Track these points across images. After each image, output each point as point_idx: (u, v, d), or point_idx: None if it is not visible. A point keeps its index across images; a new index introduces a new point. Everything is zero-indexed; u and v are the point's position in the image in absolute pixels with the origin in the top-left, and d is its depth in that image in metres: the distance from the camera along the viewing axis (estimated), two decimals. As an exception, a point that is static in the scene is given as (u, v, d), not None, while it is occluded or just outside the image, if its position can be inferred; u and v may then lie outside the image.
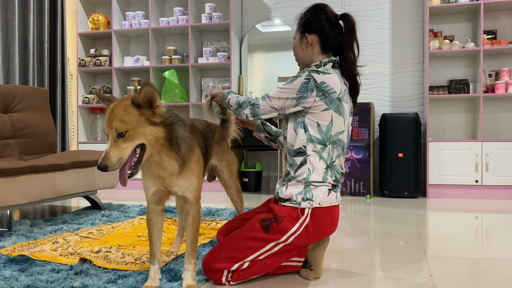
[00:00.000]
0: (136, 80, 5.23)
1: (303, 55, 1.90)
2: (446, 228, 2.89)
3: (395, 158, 4.29)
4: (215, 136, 2.02)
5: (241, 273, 1.75)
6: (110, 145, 1.45)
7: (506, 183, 4.12)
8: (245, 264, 1.74)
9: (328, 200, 1.77)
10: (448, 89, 4.44)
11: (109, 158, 1.43)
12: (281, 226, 1.73)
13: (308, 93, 1.72)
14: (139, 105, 1.49)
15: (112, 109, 1.48)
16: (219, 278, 1.75)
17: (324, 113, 1.75)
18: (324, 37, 1.84)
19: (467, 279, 1.84)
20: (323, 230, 1.79)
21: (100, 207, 3.51)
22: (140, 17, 5.15)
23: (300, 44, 1.90)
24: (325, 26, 1.84)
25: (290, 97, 1.75)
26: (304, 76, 1.74)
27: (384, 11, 4.76)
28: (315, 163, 1.76)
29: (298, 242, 1.76)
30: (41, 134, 3.46)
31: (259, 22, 5.07)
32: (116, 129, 1.45)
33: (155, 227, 1.72)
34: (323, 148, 1.76)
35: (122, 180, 1.49)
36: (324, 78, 1.74)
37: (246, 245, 1.74)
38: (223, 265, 1.73)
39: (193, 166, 1.66)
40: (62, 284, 1.70)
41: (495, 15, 4.46)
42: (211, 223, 2.88)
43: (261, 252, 1.75)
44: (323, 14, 1.86)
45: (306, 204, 1.74)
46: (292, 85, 1.74)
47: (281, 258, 1.80)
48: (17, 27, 4.45)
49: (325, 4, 1.91)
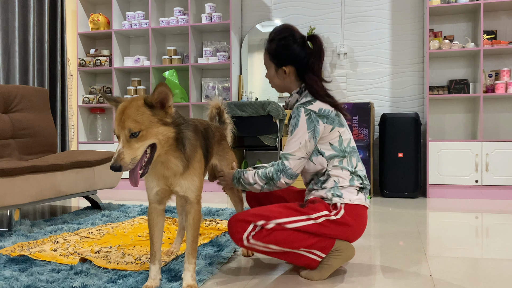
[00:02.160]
0: (136, 80, 5.23)
1: (281, 84, 1.94)
2: (446, 228, 2.89)
3: (395, 158, 4.29)
4: (215, 136, 2.02)
5: (264, 233, 1.71)
6: (123, 145, 1.44)
7: (506, 183, 4.12)
8: (270, 224, 1.71)
9: (357, 199, 1.82)
10: (448, 89, 4.44)
11: (123, 158, 1.43)
12: (316, 206, 1.77)
13: (316, 124, 1.79)
14: (151, 105, 1.49)
15: (123, 109, 1.48)
16: (241, 231, 1.72)
17: (332, 133, 1.82)
18: (299, 66, 1.89)
19: (467, 279, 1.84)
20: (351, 227, 1.80)
21: (100, 207, 3.50)
22: (140, 17, 5.15)
23: (276, 75, 1.93)
24: (299, 55, 1.87)
25: (306, 138, 1.79)
26: (302, 114, 1.79)
27: (384, 11, 4.76)
28: (339, 173, 1.83)
29: (326, 228, 1.76)
30: (41, 134, 3.46)
31: (259, 22, 5.07)
32: (130, 129, 1.44)
33: (156, 227, 1.72)
34: (341, 160, 1.83)
35: (134, 180, 1.49)
36: (318, 106, 1.81)
37: (277, 209, 1.75)
38: (250, 218, 1.73)
39: (196, 166, 1.66)
40: (62, 284, 1.71)
41: (495, 15, 4.46)
42: (211, 223, 2.88)
43: (290, 220, 1.73)
44: (293, 43, 1.87)
45: (337, 199, 1.79)
46: (300, 129, 1.79)
47: (306, 239, 1.75)
48: (17, 27, 4.45)
49: (291, 28, 1.92)
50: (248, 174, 1.89)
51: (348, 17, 4.86)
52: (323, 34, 4.90)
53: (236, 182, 1.92)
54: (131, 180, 1.49)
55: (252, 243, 1.73)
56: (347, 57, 4.85)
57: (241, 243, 1.74)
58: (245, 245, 1.74)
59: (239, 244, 1.75)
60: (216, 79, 5.13)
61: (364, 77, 4.82)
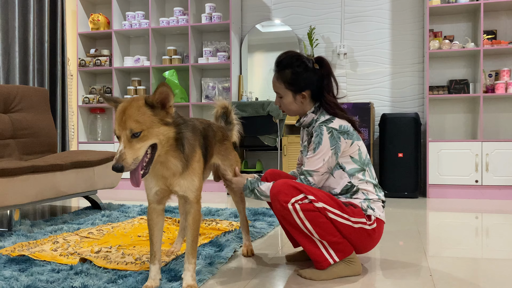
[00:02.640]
0: (136, 80, 5.23)
1: (298, 109, 1.99)
2: (446, 228, 2.89)
3: (395, 158, 4.29)
4: (216, 135, 2.02)
5: (310, 207, 1.76)
6: (125, 145, 1.44)
7: (506, 183, 4.12)
8: (319, 203, 1.76)
9: (383, 215, 1.92)
10: (448, 89, 4.44)
11: (125, 159, 1.43)
12: (357, 211, 1.84)
13: (338, 141, 1.86)
14: (152, 105, 1.50)
15: (124, 109, 1.47)
16: (290, 195, 1.76)
17: (352, 147, 1.90)
18: (314, 88, 1.95)
19: (467, 279, 1.84)
20: (374, 240, 1.90)
21: (100, 207, 3.50)
22: (140, 17, 5.15)
23: (294, 101, 1.96)
24: (313, 79, 1.94)
25: (330, 155, 1.85)
26: (324, 132, 1.85)
27: (384, 11, 4.76)
28: (366, 187, 1.90)
29: (357, 234, 1.82)
30: (41, 134, 3.46)
31: (259, 22, 5.07)
32: (131, 129, 1.44)
33: (156, 227, 1.72)
34: (364, 172, 1.91)
35: (135, 181, 1.49)
36: (338, 123, 1.88)
37: (325, 196, 1.80)
38: (302, 188, 1.77)
39: (195, 166, 1.66)
40: (62, 284, 1.70)
41: (495, 15, 4.46)
42: (211, 223, 2.88)
43: (334, 211, 1.79)
44: (307, 68, 1.93)
45: (371, 212, 1.87)
46: (323, 146, 1.85)
47: (334, 234, 1.80)
48: (17, 28, 4.45)
49: (298, 54, 1.97)
50: (264, 187, 1.90)
51: (348, 17, 4.86)
52: (323, 34, 4.90)
53: (248, 192, 1.95)
54: (132, 180, 1.49)
55: (296, 209, 1.76)
56: (347, 57, 4.85)
57: (285, 204, 1.76)
58: (287, 207, 1.76)
59: (281, 204, 1.77)
60: (216, 79, 5.13)
61: (364, 77, 4.82)
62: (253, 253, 2.20)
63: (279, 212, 1.79)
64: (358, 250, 1.93)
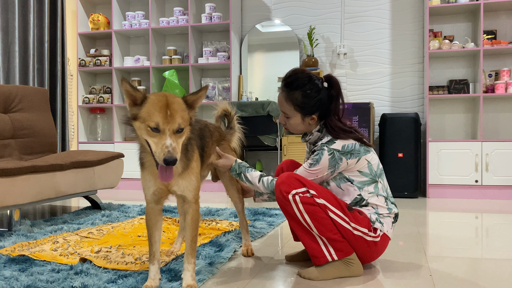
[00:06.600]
0: (136, 80, 5.23)
1: (305, 129, 1.97)
2: (446, 228, 2.89)
3: (395, 158, 4.29)
4: (213, 135, 2.02)
5: (311, 201, 1.76)
6: (172, 139, 1.46)
7: (506, 183, 4.12)
8: (320, 199, 1.76)
9: (391, 232, 1.90)
10: (448, 89, 4.44)
11: (178, 152, 1.45)
12: (361, 218, 1.82)
13: (338, 162, 1.84)
14: (190, 105, 1.55)
15: (167, 104, 1.48)
16: (292, 186, 1.77)
17: (359, 163, 1.87)
18: (323, 108, 1.91)
19: (467, 279, 1.84)
20: (374, 253, 1.89)
21: (100, 207, 3.50)
22: (140, 17, 5.15)
23: (302, 122, 1.93)
24: (322, 100, 1.90)
25: (325, 173, 1.86)
26: (325, 153, 1.84)
27: (384, 11, 4.76)
28: (376, 201, 1.88)
29: (356, 241, 1.82)
30: (41, 134, 3.46)
31: (259, 22, 5.07)
32: (179, 124, 1.48)
33: (154, 226, 1.72)
34: (376, 184, 1.88)
35: (166, 177, 1.50)
36: (340, 144, 1.85)
37: (330, 196, 1.80)
38: (305, 182, 1.78)
39: (193, 165, 1.67)
40: (62, 284, 1.71)
41: (495, 15, 4.46)
42: (211, 223, 2.88)
43: (335, 211, 1.78)
44: (318, 91, 1.88)
45: (379, 225, 1.86)
46: (320, 165, 1.84)
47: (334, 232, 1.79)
48: (17, 27, 4.45)
49: (310, 76, 1.90)
50: (252, 175, 1.93)
51: (348, 17, 4.86)
52: (323, 34, 4.90)
53: (235, 174, 1.98)
54: (163, 175, 1.50)
55: (296, 200, 1.76)
56: (347, 57, 4.85)
57: (286, 194, 1.77)
58: (287, 197, 1.77)
59: (282, 194, 1.78)
60: (216, 79, 5.13)
61: (364, 77, 4.82)
62: (253, 253, 2.20)
63: (280, 202, 1.81)
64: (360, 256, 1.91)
